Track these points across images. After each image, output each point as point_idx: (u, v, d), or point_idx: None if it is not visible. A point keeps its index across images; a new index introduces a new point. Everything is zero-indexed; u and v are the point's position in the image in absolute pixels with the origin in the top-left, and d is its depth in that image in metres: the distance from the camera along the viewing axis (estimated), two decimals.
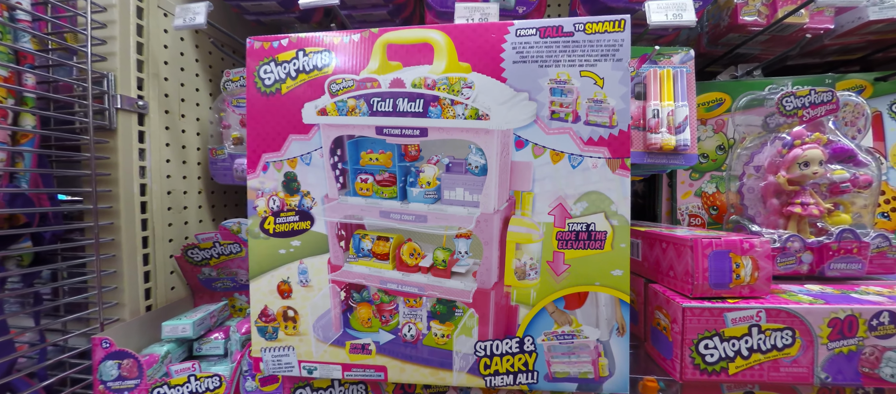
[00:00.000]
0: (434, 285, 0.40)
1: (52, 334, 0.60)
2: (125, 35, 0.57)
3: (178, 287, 0.67)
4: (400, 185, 0.40)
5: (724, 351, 0.40)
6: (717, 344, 0.40)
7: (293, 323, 0.42)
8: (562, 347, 0.39)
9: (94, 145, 0.53)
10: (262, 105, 0.42)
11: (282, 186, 0.42)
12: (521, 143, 0.38)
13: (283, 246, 0.42)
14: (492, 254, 0.39)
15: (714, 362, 0.40)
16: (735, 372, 0.40)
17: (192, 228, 0.71)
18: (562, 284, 0.39)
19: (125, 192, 0.57)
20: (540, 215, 0.38)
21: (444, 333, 0.40)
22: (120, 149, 0.56)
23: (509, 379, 0.40)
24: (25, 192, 0.51)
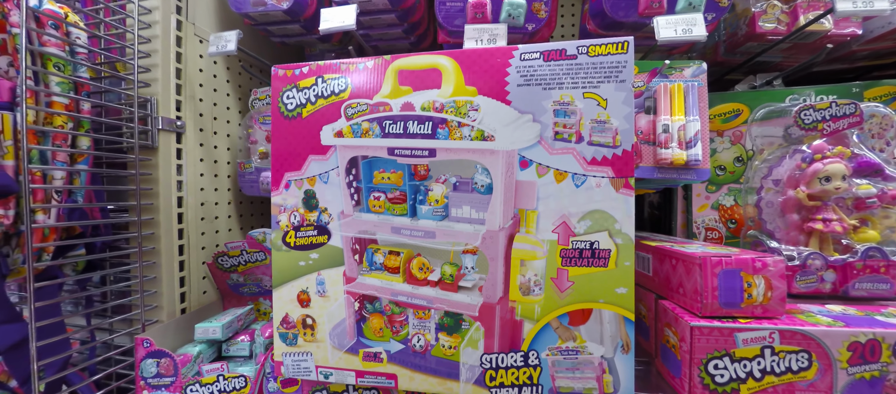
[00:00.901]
0: (442, 299, 0.42)
1: (101, 333, 0.67)
2: (166, 62, 0.63)
3: (209, 291, 0.72)
4: (410, 202, 0.42)
5: (734, 372, 0.40)
6: (728, 365, 0.40)
7: (311, 330, 0.46)
8: (566, 362, 0.40)
9: (138, 162, 0.59)
10: (285, 128, 0.46)
11: (302, 203, 0.45)
12: (526, 163, 0.40)
13: (302, 258, 0.45)
14: (497, 269, 0.40)
15: (724, 382, 0.40)
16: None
17: (223, 237, 0.76)
18: (566, 301, 0.39)
19: (165, 204, 0.63)
20: (544, 233, 0.40)
21: (452, 344, 0.42)
22: (161, 165, 0.62)
23: (514, 392, 0.41)
24: (81, 206, 0.57)
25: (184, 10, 0.67)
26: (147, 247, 0.61)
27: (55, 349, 0.54)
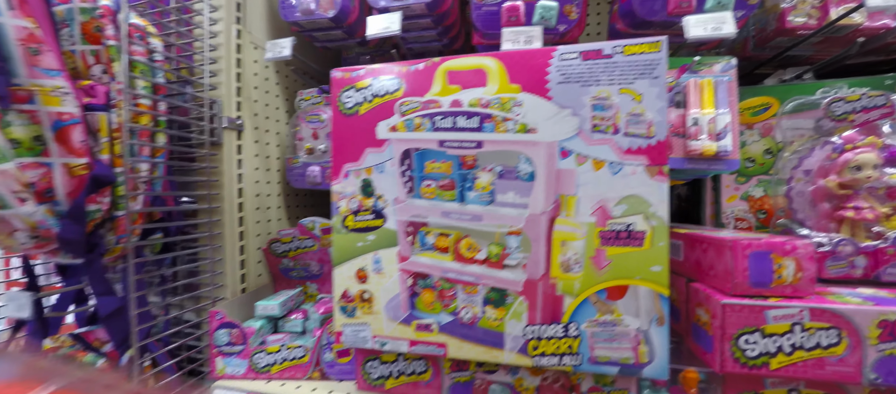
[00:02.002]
0: (488, 276, 0.46)
1: (173, 309, 0.75)
2: (228, 67, 0.71)
3: (263, 274, 0.79)
4: (458, 189, 0.47)
5: (765, 347, 0.42)
6: (758, 340, 0.43)
7: (368, 304, 0.51)
8: (604, 333, 0.44)
9: (208, 157, 0.67)
10: (344, 124, 0.52)
11: (360, 190, 0.51)
12: (566, 152, 0.44)
13: (360, 239, 0.51)
14: (539, 249, 0.45)
15: (754, 356, 0.43)
16: (777, 367, 0.42)
17: (274, 226, 0.83)
18: (604, 278, 0.43)
19: (228, 194, 0.70)
20: (583, 216, 0.43)
21: (497, 317, 0.46)
22: (224, 159, 0.69)
23: (555, 360, 0.45)
24: (160, 195, 0.65)
25: (242, 19, 0.75)
26: (215, 232, 0.69)
27: (142, 320, 0.62)
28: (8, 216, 0.48)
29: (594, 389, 0.48)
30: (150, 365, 0.64)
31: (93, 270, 0.59)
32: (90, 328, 0.68)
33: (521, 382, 0.50)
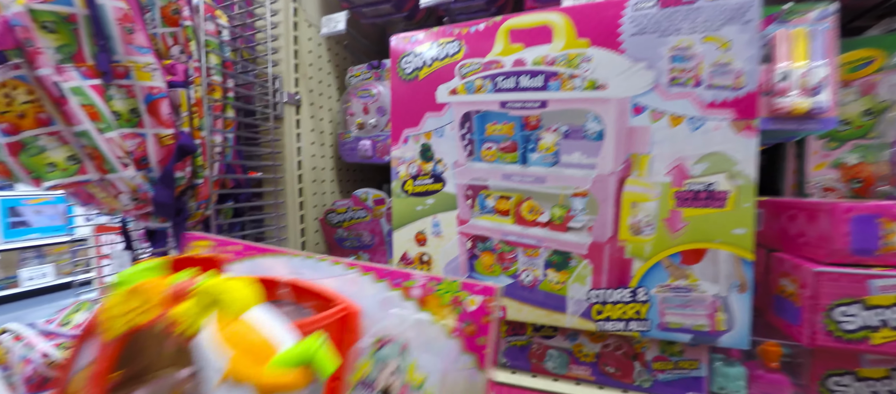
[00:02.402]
0: (551, 238, 0.46)
1: None
2: (287, 44, 0.74)
3: (320, 243, 0.84)
4: (521, 151, 0.46)
5: (866, 320, 0.38)
6: (858, 312, 0.39)
7: (427, 266, 0.52)
8: (676, 299, 0.42)
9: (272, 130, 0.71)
10: (404, 90, 0.52)
11: (419, 155, 0.52)
12: (640, 109, 0.41)
13: (419, 204, 0.52)
14: (607, 211, 0.43)
15: (853, 329, 0.39)
16: (881, 343, 0.38)
17: (328, 198, 0.88)
18: (678, 241, 0.41)
19: (289, 166, 0.74)
20: (657, 176, 0.41)
21: (560, 280, 0.46)
22: (286, 133, 0.73)
23: (621, 325, 0.44)
24: (232, 163, 0.70)
25: None
26: (279, 201, 0.73)
27: None
28: (114, 179, 0.55)
29: (660, 358, 0.47)
30: None
31: (179, 233, 0.65)
32: None
33: (581, 348, 0.50)
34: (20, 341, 0.57)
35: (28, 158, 0.50)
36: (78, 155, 0.52)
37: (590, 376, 0.50)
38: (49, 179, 0.51)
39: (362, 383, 0.30)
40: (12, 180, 0.51)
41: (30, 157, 0.50)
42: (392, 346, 0.29)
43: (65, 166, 0.52)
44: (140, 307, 0.28)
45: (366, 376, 0.29)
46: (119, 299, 0.29)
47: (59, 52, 0.49)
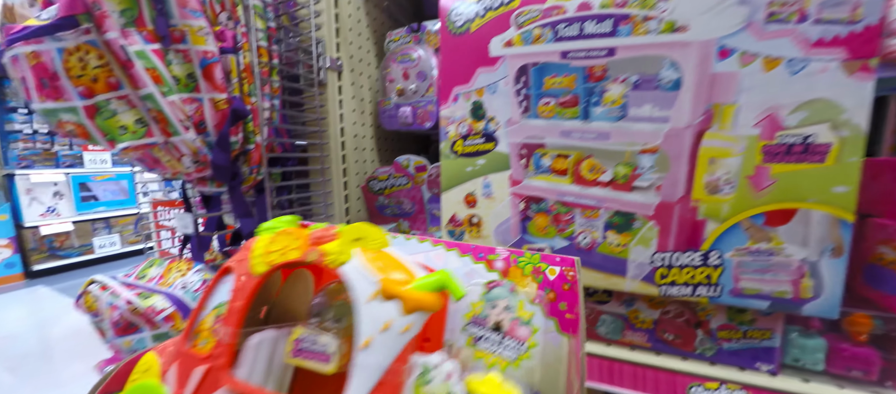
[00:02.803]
0: (613, 198, 0.43)
1: None
2: (328, 10, 0.73)
3: (361, 211, 0.86)
4: (583, 105, 0.43)
5: None
6: None
7: (477, 228, 0.52)
8: (755, 264, 0.39)
9: (312, 98, 0.71)
10: (453, 44, 0.50)
11: (470, 113, 0.50)
12: (726, 52, 0.37)
13: (469, 164, 0.51)
14: (680, 168, 0.40)
15: None
16: None
17: (368, 166, 0.89)
18: (763, 200, 0.37)
19: (333, 134, 0.75)
20: (743, 128, 0.37)
21: (621, 242, 0.44)
22: (329, 99, 0.74)
23: (687, 290, 0.42)
24: (280, 126, 0.71)
25: None
26: (325, 166, 0.75)
27: None
28: (177, 142, 0.57)
29: (727, 326, 0.44)
30: None
31: (235, 196, 0.68)
32: (233, 247, 0.82)
33: (637, 314, 0.48)
34: (106, 291, 0.64)
35: (102, 121, 0.53)
36: (144, 118, 0.55)
37: (646, 343, 0.48)
38: (121, 141, 0.55)
39: (475, 320, 0.32)
40: (90, 142, 0.55)
41: (104, 120, 0.53)
42: (502, 287, 0.32)
43: (134, 129, 0.55)
44: (286, 247, 0.32)
45: (478, 314, 0.32)
46: (263, 243, 0.33)
47: (122, 15, 0.51)
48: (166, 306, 0.58)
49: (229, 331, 0.31)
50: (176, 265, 0.67)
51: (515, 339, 0.32)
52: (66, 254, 3.14)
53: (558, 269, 0.32)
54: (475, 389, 0.30)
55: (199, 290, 0.63)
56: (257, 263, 0.32)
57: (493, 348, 0.32)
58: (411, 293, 0.28)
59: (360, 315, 0.28)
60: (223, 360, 0.31)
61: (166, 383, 0.33)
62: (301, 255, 0.31)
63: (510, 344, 0.32)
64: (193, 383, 0.31)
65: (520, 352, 0.31)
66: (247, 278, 0.32)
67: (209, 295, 0.34)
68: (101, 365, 0.70)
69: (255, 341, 0.33)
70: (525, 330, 0.31)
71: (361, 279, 0.28)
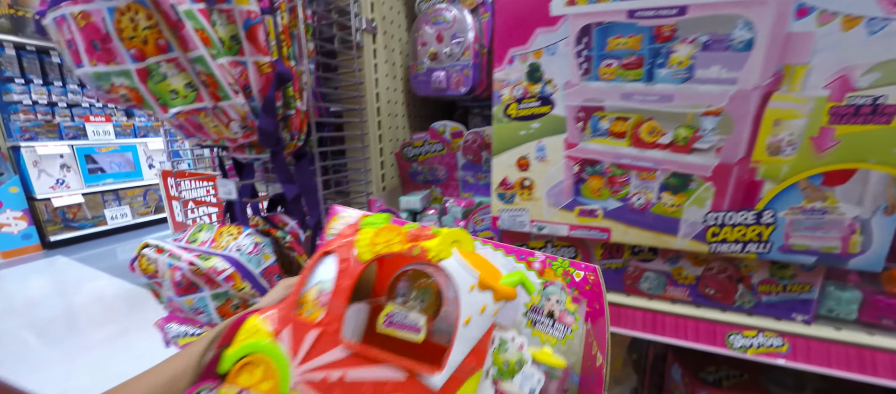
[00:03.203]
0: (671, 161, 0.45)
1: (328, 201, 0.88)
2: None
3: (394, 178, 0.88)
4: (647, 67, 0.43)
5: None
6: None
7: (528, 191, 0.54)
8: (808, 221, 0.41)
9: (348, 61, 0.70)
10: (510, 4, 0.49)
11: (526, 76, 0.50)
12: (805, 10, 0.36)
13: (523, 128, 0.52)
14: (743, 130, 0.41)
15: None
16: None
17: (399, 133, 0.89)
18: (824, 160, 0.39)
19: (369, 99, 0.74)
20: (812, 89, 0.38)
21: (675, 203, 0.46)
22: (366, 63, 0.72)
23: (737, 247, 0.44)
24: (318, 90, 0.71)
25: None
26: (364, 132, 0.75)
27: (312, 206, 0.74)
28: (226, 107, 0.58)
29: (767, 281, 0.47)
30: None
31: (277, 162, 0.69)
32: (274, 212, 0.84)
33: (681, 270, 0.51)
34: (163, 253, 0.66)
35: (154, 86, 0.53)
36: (194, 82, 0.55)
37: (687, 298, 0.52)
38: (173, 106, 0.55)
39: (533, 308, 0.41)
40: (143, 107, 0.55)
41: (156, 83, 0.53)
42: (554, 285, 0.40)
43: (184, 94, 0.55)
44: (390, 241, 0.38)
45: (536, 303, 0.41)
46: (368, 235, 0.40)
47: None
48: (226, 266, 0.61)
49: (342, 304, 0.37)
50: (226, 230, 0.70)
51: (563, 324, 0.40)
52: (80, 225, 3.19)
53: (582, 273, 0.39)
54: (536, 357, 0.39)
55: (252, 252, 0.66)
56: (364, 252, 0.38)
57: (547, 329, 0.40)
58: (501, 286, 0.35)
59: (462, 300, 0.35)
60: (335, 326, 0.36)
61: (279, 343, 0.38)
62: (405, 249, 0.37)
63: (559, 327, 0.40)
64: (308, 343, 0.37)
65: (565, 333, 0.40)
66: (355, 263, 0.38)
67: (309, 273, 0.41)
68: (160, 323, 0.74)
69: (350, 311, 0.39)
70: (570, 318, 0.40)
71: (464, 273, 0.35)
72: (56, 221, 3.04)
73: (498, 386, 0.36)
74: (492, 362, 0.38)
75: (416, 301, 0.41)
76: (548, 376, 0.38)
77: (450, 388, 0.33)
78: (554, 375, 0.39)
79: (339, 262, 0.39)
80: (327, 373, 0.36)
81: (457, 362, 0.33)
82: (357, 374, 0.35)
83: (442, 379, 0.33)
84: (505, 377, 0.37)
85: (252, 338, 0.40)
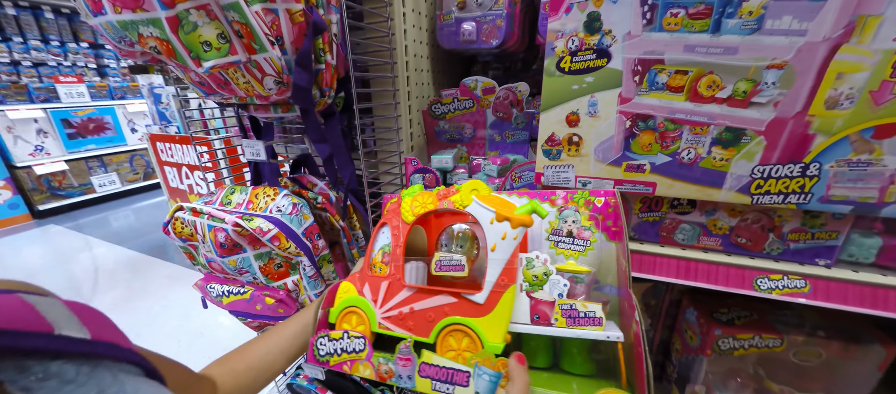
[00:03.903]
0: (726, 114, 0.45)
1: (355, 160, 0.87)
2: None
3: (421, 136, 0.86)
4: (715, 17, 0.42)
5: None
6: None
7: (577, 147, 0.54)
8: (851, 173, 0.43)
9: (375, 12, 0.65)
10: None
11: (583, 26, 0.48)
12: None
13: (576, 82, 0.51)
14: (805, 84, 0.41)
15: None
16: None
17: (426, 90, 0.86)
18: (878, 115, 0.40)
19: (399, 54, 0.71)
20: (882, 42, 0.38)
21: (725, 157, 0.47)
22: (396, 12, 0.68)
23: (778, 199, 0.47)
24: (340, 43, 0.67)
25: None
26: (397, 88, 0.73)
27: (343, 166, 0.73)
28: (262, 60, 0.54)
29: (797, 230, 0.51)
30: (351, 204, 0.78)
31: (309, 121, 0.67)
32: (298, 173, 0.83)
33: (716, 222, 0.54)
34: (201, 216, 0.66)
35: (185, 36, 0.49)
36: (226, 33, 0.51)
37: (719, 247, 0.56)
38: (207, 59, 0.51)
39: (554, 231, 0.51)
40: (175, 60, 0.52)
41: (187, 34, 0.49)
42: (569, 209, 0.51)
43: (218, 45, 0.51)
44: (425, 202, 0.50)
45: (556, 227, 0.51)
46: (408, 202, 0.51)
47: None
48: (270, 227, 0.61)
49: (400, 257, 0.50)
50: (261, 192, 0.69)
51: (582, 239, 0.51)
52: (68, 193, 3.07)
53: (603, 198, 0.49)
54: (561, 268, 0.50)
55: (292, 213, 0.66)
56: (407, 215, 0.51)
57: (568, 246, 0.52)
58: (515, 215, 0.44)
59: (486, 231, 0.45)
60: (399, 275, 0.49)
61: (364, 296, 0.51)
62: (436, 206, 0.49)
63: (579, 242, 0.51)
64: (382, 292, 0.50)
65: (586, 246, 0.51)
66: (403, 225, 0.51)
67: (374, 241, 0.54)
68: (200, 284, 0.76)
69: (410, 265, 0.51)
70: (588, 233, 0.51)
71: (483, 211, 0.46)
72: (42, 189, 2.92)
73: (531, 295, 0.47)
74: (523, 279, 0.50)
75: (458, 247, 0.52)
76: (573, 281, 0.49)
77: (491, 302, 0.44)
78: (579, 280, 0.50)
79: (392, 228, 0.51)
80: (400, 309, 0.48)
81: (492, 281, 0.44)
82: (421, 305, 0.47)
83: (483, 296, 0.44)
84: (535, 288, 0.50)
85: (346, 296, 0.52)
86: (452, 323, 0.45)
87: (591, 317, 0.43)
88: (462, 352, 0.44)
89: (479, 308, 0.44)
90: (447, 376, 0.42)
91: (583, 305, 0.44)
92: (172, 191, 2.67)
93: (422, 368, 0.44)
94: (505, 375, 0.40)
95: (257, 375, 0.48)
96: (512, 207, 0.45)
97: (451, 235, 0.53)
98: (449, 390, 0.42)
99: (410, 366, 0.45)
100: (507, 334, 0.43)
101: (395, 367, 0.45)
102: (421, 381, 0.44)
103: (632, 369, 0.42)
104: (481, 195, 0.47)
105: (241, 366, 0.47)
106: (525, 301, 0.46)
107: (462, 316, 0.45)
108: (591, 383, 0.46)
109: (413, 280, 0.51)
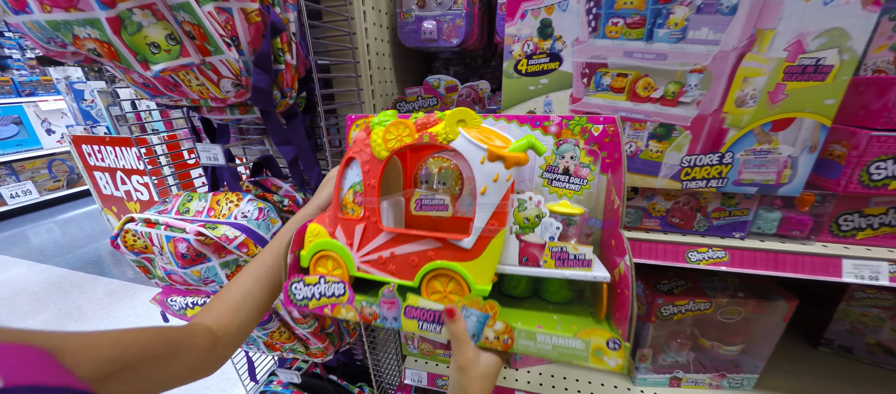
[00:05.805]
0: (660, 112, 0.52)
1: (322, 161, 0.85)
2: None
3: None
4: (648, 26, 0.48)
5: (891, 171, 0.50)
6: (889, 166, 0.50)
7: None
8: (756, 160, 0.52)
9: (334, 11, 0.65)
10: None
11: (537, 32, 0.52)
12: None
13: (533, 83, 0.55)
14: (719, 86, 0.48)
15: (879, 179, 0.51)
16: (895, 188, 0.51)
17: (389, 88, 0.86)
18: (774, 111, 0.48)
19: (361, 52, 0.71)
20: (775, 51, 0.46)
21: (660, 149, 0.54)
22: (356, 10, 0.67)
23: (702, 183, 0.55)
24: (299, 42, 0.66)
25: None
26: (359, 88, 0.72)
27: (309, 167, 0.73)
28: (217, 62, 0.52)
29: (719, 209, 0.60)
30: None
31: (271, 123, 0.65)
32: (259, 176, 0.80)
33: (655, 205, 0.62)
34: (156, 227, 0.62)
35: (130, 37, 0.46)
36: (176, 34, 0.48)
37: (657, 227, 0.63)
38: (156, 62, 0.48)
39: (549, 168, 0.47)
40: (122, 64, 0.48)
41: (130, 35, 0.46)
42: (568, 143, 0.46)
43: (167, 47, 0.48)
44: (400, 135, 0.41)
45: (551, 163, 0.47)
46: (380, 134, 0.42)
47: None
48: (237, 234, 0.60)
49: (374, 200, 0.43)
50: (223, 198, 0.67)
51: (578, 177, 0.47)
52: None
53: (601, 126, 0.44)
54: (554, 209, 0.46)
55: (259, 218, 0.65)
56: (380, 150, 0.42)
57: (563, 184, 0.48)
58: (510, 154, 0.38)
59: (476, 172, 0.38)
60: (375, 218, 0.44)
61: (336, 239, 0.46)
62: (415, 139, 0.41)
63: (575, 181, 0.47)
64: (358, 235, 0.45)
65: (582, 185, 0.47)
66: (375, 162, 0.43)
67: (341, 178, 0.47)
68: (159, 298, 0.72)
69: (385, 203, 0.46)
70: (585, 170, 0.47)
71: (473, 148, 0.38)
72: None
73: (522, 238, 0.43)
74: (513, 221, 0.45)
75: (440, 184, 0.47)
76: (566, 223, 0.46)
77: (479, 247, 0.40)
78: (572, 221, 0.46)
79: (362, 165, 0.44)
80: (379, 253, 0.44)
81: (481, 226, 0.40)
82: (402, 249, 0.43)
83: (470, 241, 0.40)
84: (526, 231, 0.46)
85: (316, 239, 0.47)
86: (438, 267, 0.42)
87: (580, 259, 0.41)
88: (448, 294, 0.42)
89: (465, 253, 0.41)
90: (434, 317, 0.42)
91: (574, 247, 0.41)
92: (106, 199, 2.40)
93: (407, 310, 0.42)
94: (492, 315, 0.40)
95: (249, 311, 0.46)
96: (506, 143, 0.40)
97: (433, 170, 0.48)
98: (436, 330, 0.42)
99: (395, 309, 0.43)
100: (494, 275, 0.41)
101: (379, 310, 0.44)
102: (407, 321, 0.43)
103: (613, 304, 0.42)
104: (470, 128, 0.39)
105: (227, 308, 0.45)
106: (514, 243, 0.42)
107: (448, 261, 0.41)
108: (570, 313, 0.45)
109: (390, 220, 0.47)
